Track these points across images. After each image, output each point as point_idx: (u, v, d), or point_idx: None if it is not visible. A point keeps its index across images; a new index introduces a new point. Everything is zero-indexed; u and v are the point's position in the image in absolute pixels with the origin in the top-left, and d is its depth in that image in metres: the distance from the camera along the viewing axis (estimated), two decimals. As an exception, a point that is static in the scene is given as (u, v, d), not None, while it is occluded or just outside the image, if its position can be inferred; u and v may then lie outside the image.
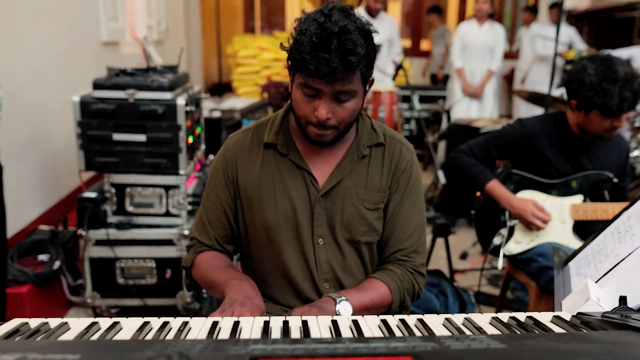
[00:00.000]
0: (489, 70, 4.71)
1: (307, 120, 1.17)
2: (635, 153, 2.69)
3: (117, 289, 2.38)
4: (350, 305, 1.13)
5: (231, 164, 1.29)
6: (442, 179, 3.85)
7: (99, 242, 2.33)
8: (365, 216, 1.25)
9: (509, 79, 6.93)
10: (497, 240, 2.02)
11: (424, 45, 7.63)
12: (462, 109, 4.63)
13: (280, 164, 1.26)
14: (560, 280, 1.25)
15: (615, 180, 1.95)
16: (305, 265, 1.26)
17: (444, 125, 4.83)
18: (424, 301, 1.95)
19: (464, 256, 3.34)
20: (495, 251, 2.04)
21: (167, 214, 2.36)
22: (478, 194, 2.17)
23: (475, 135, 2.16)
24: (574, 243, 1.91)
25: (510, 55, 7.22)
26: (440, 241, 2.73)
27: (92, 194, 2.33)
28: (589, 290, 1.02)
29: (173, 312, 2.41)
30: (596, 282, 1.11)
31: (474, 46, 4.64)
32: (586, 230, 1.96)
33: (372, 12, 4.35)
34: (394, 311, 1.23)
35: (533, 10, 6.16)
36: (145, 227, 2.37)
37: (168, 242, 2.36)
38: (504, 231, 2.01)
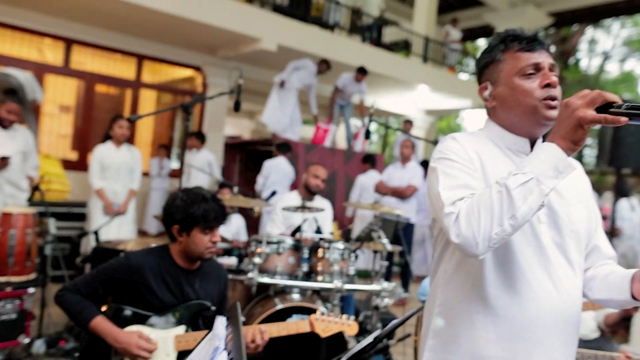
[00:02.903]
0: (131, 190, 4.81)
1: None
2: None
3: None
4: None
5: None
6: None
7: None
8: None
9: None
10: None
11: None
12: (104, 228, 4.49)
13: None
14: None
15: (213, 308, 2.14)
16: None
17: (87, 246, 4.59)
18: None
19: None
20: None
21: None
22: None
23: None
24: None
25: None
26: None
27: None
28: None
29: None
30: None
31: (113, 167, 4.70)
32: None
33: (4, 123, 4.02)
34: None
35: (199, 137, 6.71)
36: None
37: None
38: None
